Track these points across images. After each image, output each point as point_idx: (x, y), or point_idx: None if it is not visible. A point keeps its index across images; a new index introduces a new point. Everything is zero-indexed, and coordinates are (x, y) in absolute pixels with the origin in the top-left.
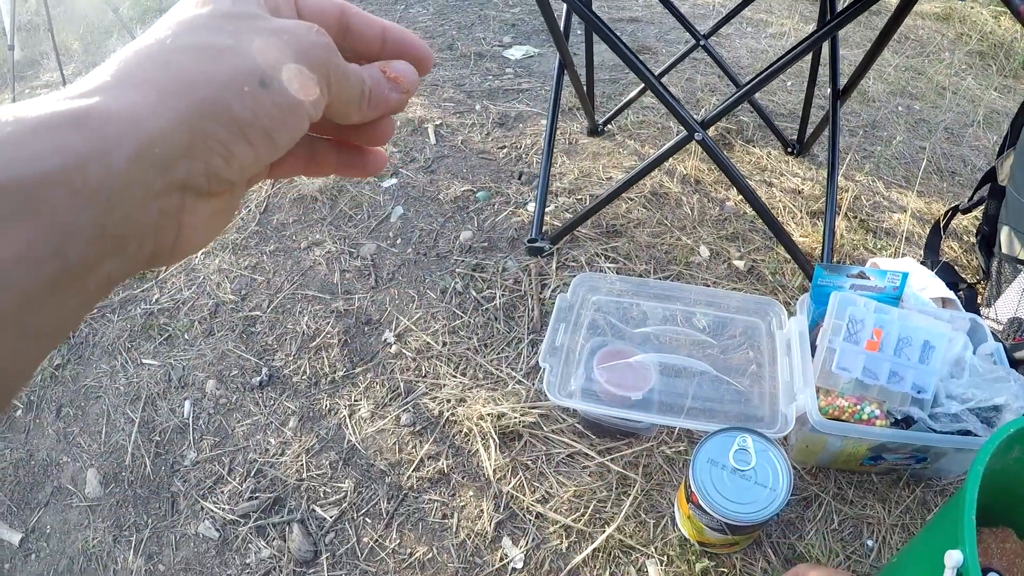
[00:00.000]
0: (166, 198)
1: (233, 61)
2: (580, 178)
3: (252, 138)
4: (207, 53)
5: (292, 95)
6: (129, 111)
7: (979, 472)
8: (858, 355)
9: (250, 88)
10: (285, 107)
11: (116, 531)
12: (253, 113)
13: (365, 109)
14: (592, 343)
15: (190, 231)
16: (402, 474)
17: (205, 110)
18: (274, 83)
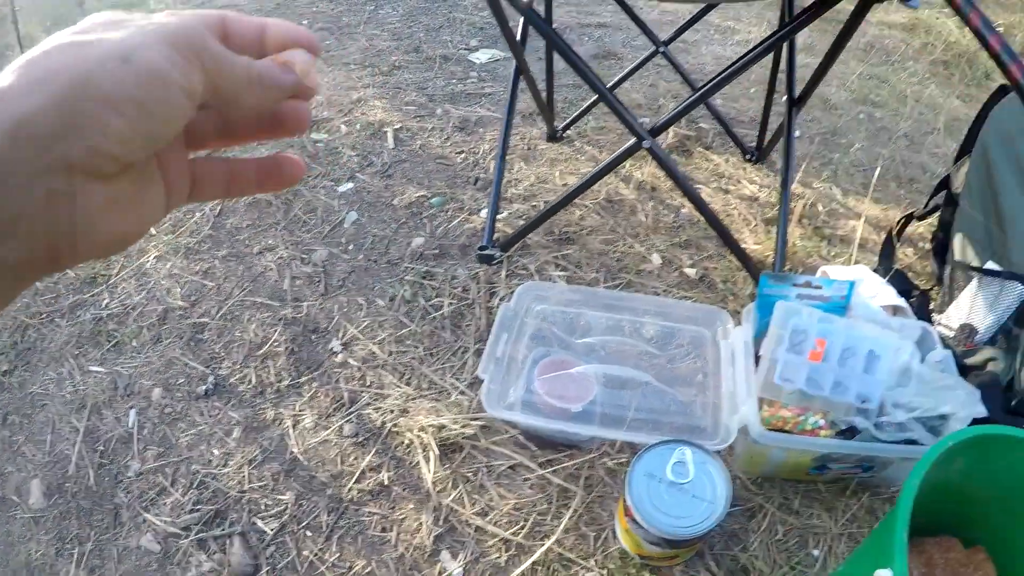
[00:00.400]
0: (51, 177)
1: (100, 46)
2: (536, 184)
3: (123, 108)
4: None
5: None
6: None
7: (913, 488)
8: (801, 366)
9: (112, 64)
10: (150, 78)
11: (59, 543)
12: (118, 84)
13: (258, 90)
14: (535, 353)
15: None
16: (343, 486)
17: (75, 88)
18: (135, 57)
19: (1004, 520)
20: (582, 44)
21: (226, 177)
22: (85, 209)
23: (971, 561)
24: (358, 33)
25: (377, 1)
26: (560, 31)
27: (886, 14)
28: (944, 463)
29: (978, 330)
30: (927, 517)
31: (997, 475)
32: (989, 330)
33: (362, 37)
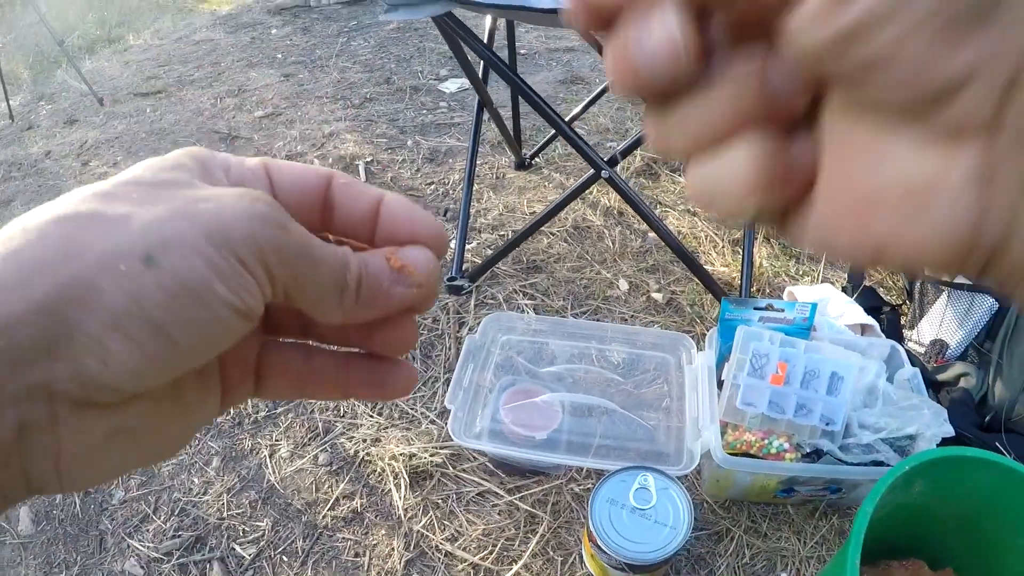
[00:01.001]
0: (26, 405)
1: (116, 234)
2: (504, 213)
3: (132, 331)
4: (91, 223)
5: (188, 275)
6: None
7: (867, 515)
8: (763, 390)
9: (128, 266)
10: (180, 293)
11: (47, 568)
12: (131, 299)
13: (351, 304)
14: (501, 382)
15: (83, 453)
16: (318, 513)
17: (70, 294)
18: (163, 260)
19: (970, 541)
20: (550, 69)
21: (302, 374)
22: (76, 443)
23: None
24: (330, 66)
25: (349, 33)
26: (528, 56)
27: None
28: (903, 486)
29: (949, 345)
30: (893, 540)
31: (959, 496)
32: (960, 345)
33: (334, 70)
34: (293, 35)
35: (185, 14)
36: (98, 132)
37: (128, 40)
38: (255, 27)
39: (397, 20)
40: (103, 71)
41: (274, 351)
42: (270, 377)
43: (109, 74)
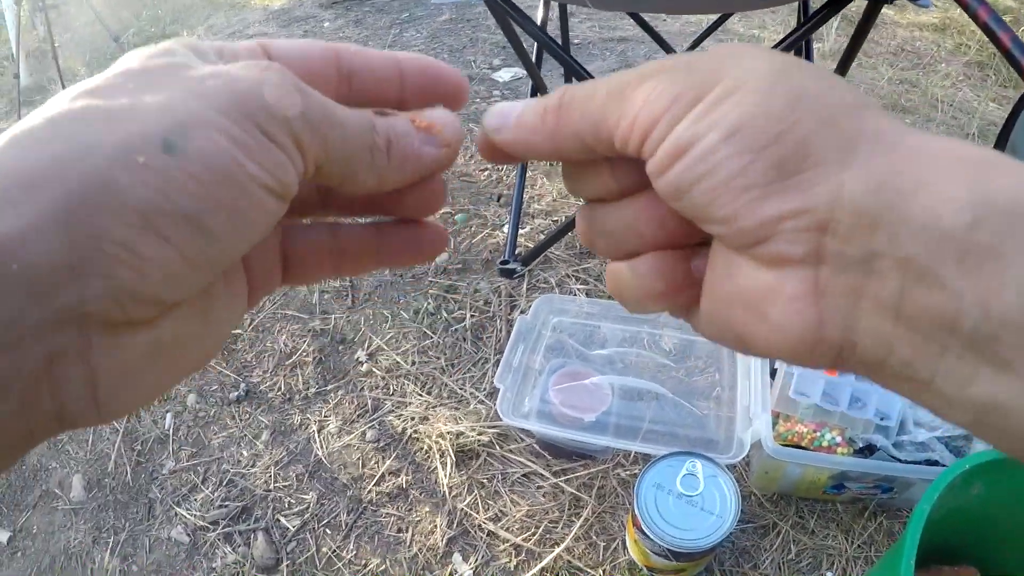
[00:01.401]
0: (54, 335)
1: (124, 125)
2: (558, 199)
3: (166, 229)
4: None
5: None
6: None
7: (923, 514)
8: (817, 380)
9: (148, 157)
10: (211, 178)
11: (96, 533)
12: (159, 193)
13: (383, 167)
14: (551, 364)
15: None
16: (363, 488)
17: (86, 199)
18: (184, 144)
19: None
20: (604, 59)
21: (333, 253)
22: (111, 370)
23: None
24: None
25: (401, 25)
26: (583, 46)
27: (916, 15)
28: (961, 488)
29: None
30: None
31: (1021, 501)
32: None
33: None
34: (345, 27)
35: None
36: None
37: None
38: (307, 20)
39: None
40: None
41: (298, 235)
42: (299, 262)
43: None
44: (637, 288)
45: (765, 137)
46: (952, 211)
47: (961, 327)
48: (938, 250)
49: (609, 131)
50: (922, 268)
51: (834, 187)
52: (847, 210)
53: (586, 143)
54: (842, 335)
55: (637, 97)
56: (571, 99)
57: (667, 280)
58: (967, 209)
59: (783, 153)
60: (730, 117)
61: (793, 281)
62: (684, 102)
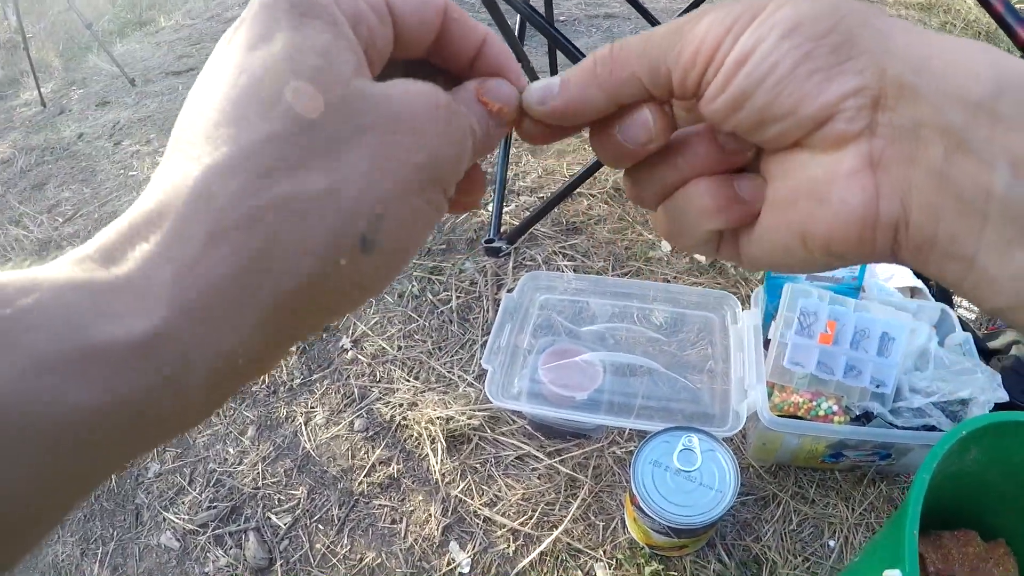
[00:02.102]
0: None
1: (330, 219)
2: (543, 176)
3: (343, 310)
4: (286, 214)
5: (403, 244)
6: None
7: (924, 481)
8: (811, 349)
9: (348, 260)
10: (392, 270)
11: (84, 544)
12: (352, 284)
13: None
14: (540, 343)
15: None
16: (354, 480)
17: (289, 306)
18: (379, 240)
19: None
20: (590, 35)
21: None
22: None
23: (991, 556)
24: None
25: None
26: (568, 23)
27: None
28: (959, 452)
29: None
30: (944, 510)
31: (1016, 464)
32: None
33: None
34: None
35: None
36: (130, 112)
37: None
38: None
39: None
40: (134, 53)
41: None
42: None
43: (140, 56)
44: (688, 212)
45: (820, 29)
46: (979, 84)
47: (996, 192)
48: (971, 119)
49: (668, 68)
50: (959, 135)
51: (881, 67)
52: (894, 85)
53: (643, 84)
54: (898, 209)
55: (698, 29)
56: (625, 44)
57: (715, 197)
58: (991, 82)
59: (837, 41)
60: (786, 18)
61: (850, 158)
62: (743, 20)
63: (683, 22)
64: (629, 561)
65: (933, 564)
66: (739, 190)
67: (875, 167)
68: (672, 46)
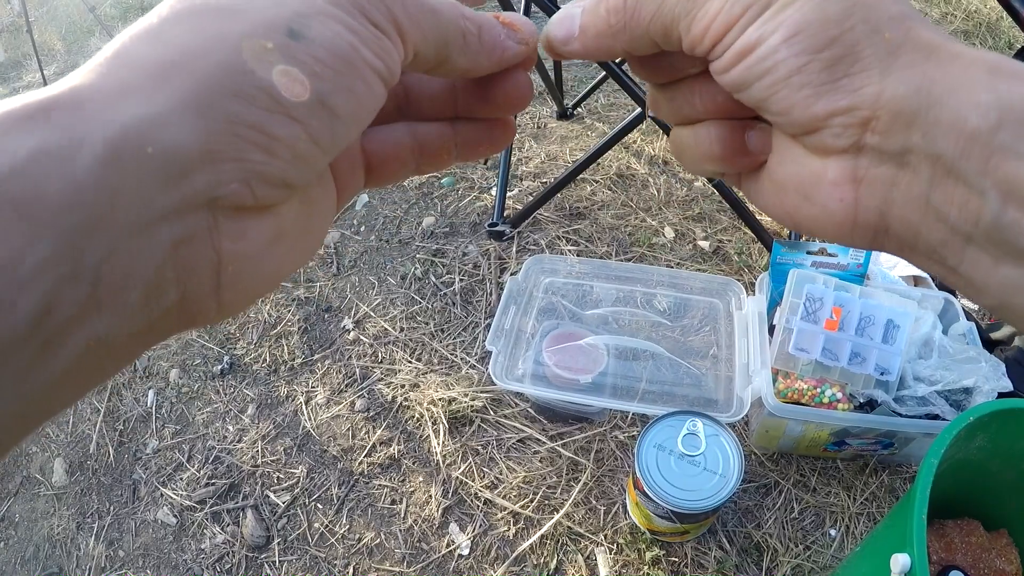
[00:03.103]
0: (181, 219)
1: (249, 16)
2: (546, 162)
3: (295, 110)
4: (214, 14)
5: (338, 41)
6: (102, 98)
7: (932, 467)
8: (817, 335)
9: (276, 42)
10: (333, 61)
11: (80, 518)
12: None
13: (476, 52)
14: (544, 326)
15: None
16: (354, 460)
17: (219, 83)
18: (308, 29)
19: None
20: None
21: (414, 150)
22: (236, 255)
23: (994, 545)
24: None
25: None
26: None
27: None
28: (965, 439)
29: None
30: (948, 498)
31: (1021, 453)
32: None
33: None
34: None
35: None
36: None
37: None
38: None
39: None
40: None
41: (377, 138)
42: (381, 162)
43: None
44: (696, 149)
45: (821, 40)
46: (977, 115)
47: (984, 219)
48: (964, 149)
49: (679, 34)
50: (949, 165)
51: (877, 90)
52: (887, 109)
53: (654, 42)
54: (877, 219)
55: (711, 7)
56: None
57: (724, 145)
58: (991, 113)
59: (836, 55)
60: (791, 21)
61: (835, 168)
62: (755, 9)
63: None
64: (630, 546)
65: (936, 553)
66: (748, 140)
67: (857, 182)
68: (686, 13)
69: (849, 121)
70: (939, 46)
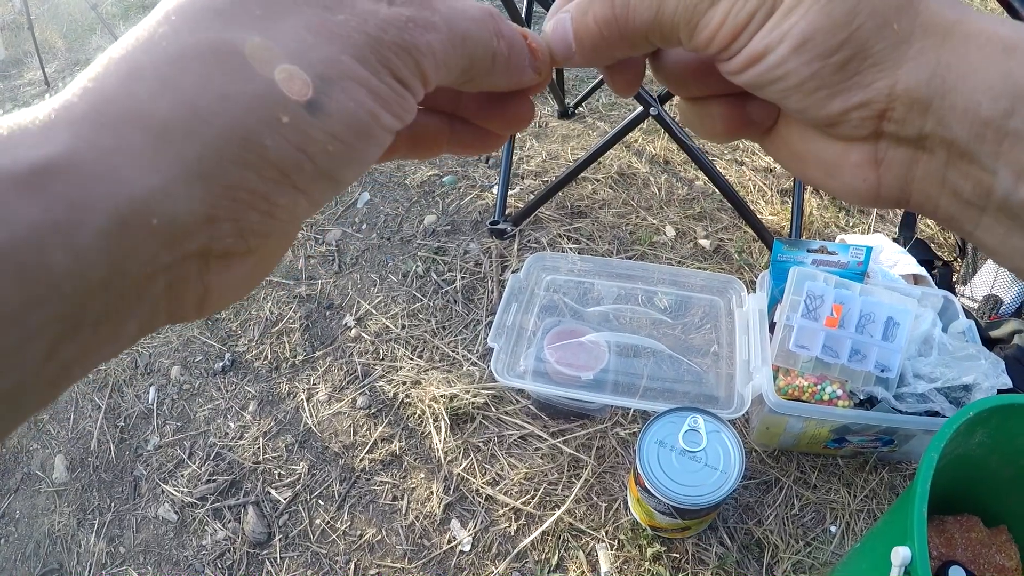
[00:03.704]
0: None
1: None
2: (547, 160)
3: (302, 184)
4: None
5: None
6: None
7: (932, 461)
8: (817, 332)
9: (291, 116)
10: (349, 136)
11: (80, 515)
12: (300, 152)
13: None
14: (545, 323)
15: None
16: (355, 456)
17: (226, 152)
18: (328, 101)
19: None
20: None
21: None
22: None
23: (993, 541)
24: None
25: None
26: None
27: None
28: (964, 436)
29: (1003, 301)
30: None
31: (1021, 449)
32: (1015, 300)
33: None
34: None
35: None
36: None
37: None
38: None
39: None
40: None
41: None
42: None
43: None
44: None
45: (830, 45)
46: (990, 101)
47: (995, 195)
48: (977, 133)
49: (679, 39)
50: (963, 148)
51: (891, 82)
52: (901, 100)
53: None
54: (898, 194)
55: (715, 14)
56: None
57: (726, 122)
58: (1003, 100)
59: (846, 57)
60: (798, 28)
61: (857, 152)
62: (760, 16)
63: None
64: (631, 542)
65: (936, 548)
66: (750, 112)
67: (878, 164)
68: (686, 21)
69: (865, 114)
70: (952, 25)
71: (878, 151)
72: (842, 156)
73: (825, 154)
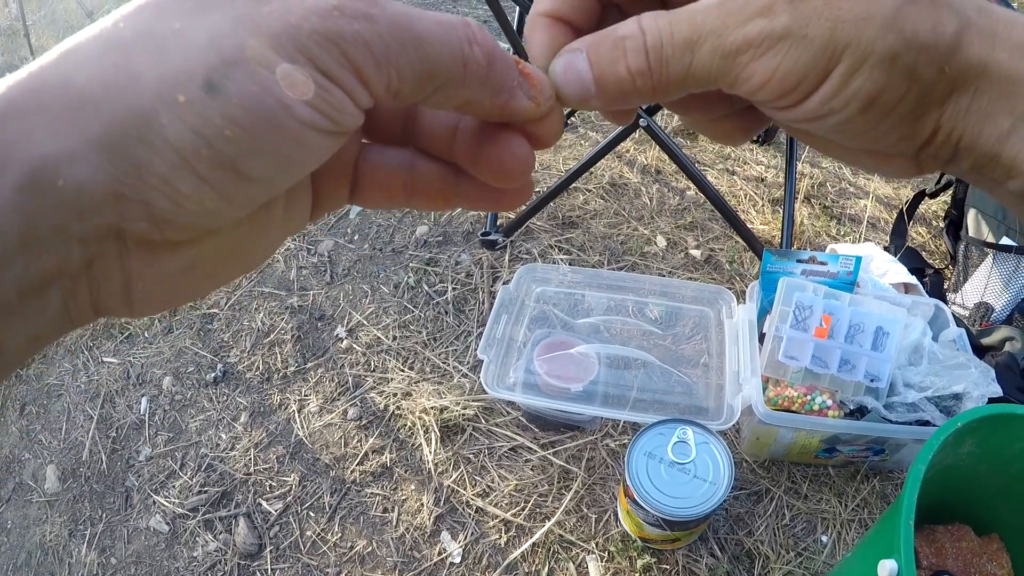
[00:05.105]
0: (94, 244)
1: (170, 57)
2: (539, 171)
3: (203, 171)
4: (141, 45)
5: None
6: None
7: (919, 473)
8: (806, 343)
9: (188, 95)
10: (249, 121)
11: (72, 525)
12: (196, 134)
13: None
14: (535, 335)
15: (155, 285)
16: (346, 468)
17: (129, 130)
18: (227, 85)
19: (1019, 507)
20: None
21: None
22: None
23: (985, 551)
24: None
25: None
26: None
27: None
28: (953, 445)
29: (994, 308)
30: (938, 504)
31: (1010, 458)
32: (1006, 308)
33: None
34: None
35: None
36: None
37: None
38: None
39: None
40: None
41: (375, 156)
42: (370, 183)
43: None
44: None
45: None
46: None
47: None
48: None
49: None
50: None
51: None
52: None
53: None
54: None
55: (757, 70)
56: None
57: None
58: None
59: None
60: (864, 93)
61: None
62: (812, 79)
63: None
64: (621, 554)
65: (927, 558)
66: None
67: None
68: (726, 75)
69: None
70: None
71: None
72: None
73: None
